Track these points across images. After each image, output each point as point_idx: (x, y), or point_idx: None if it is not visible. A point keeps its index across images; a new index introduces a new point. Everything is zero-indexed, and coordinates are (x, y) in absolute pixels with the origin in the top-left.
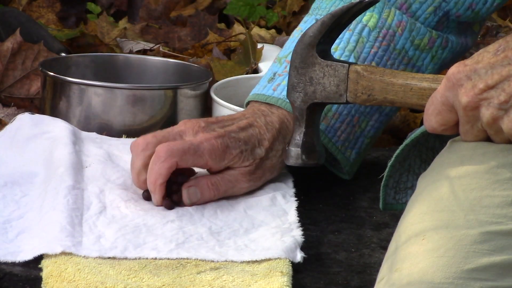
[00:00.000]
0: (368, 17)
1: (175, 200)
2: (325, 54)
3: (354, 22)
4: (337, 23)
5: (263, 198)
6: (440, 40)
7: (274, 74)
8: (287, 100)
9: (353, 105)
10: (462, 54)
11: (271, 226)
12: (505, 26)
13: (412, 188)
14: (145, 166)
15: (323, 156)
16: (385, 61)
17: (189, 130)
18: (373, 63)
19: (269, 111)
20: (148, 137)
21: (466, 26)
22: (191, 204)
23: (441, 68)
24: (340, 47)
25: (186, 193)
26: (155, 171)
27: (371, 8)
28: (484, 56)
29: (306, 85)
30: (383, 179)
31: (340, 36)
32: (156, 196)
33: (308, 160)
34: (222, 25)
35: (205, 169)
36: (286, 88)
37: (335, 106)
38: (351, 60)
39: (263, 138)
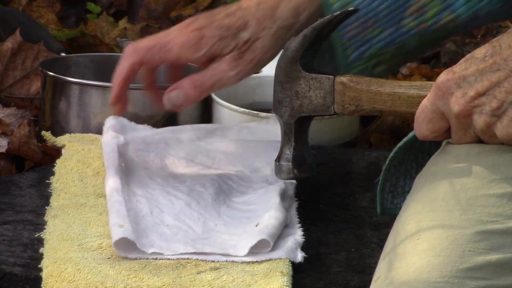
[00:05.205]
0: None
1: None
2: (309, 67)
3: None
4: (318, 35)
5: (263, 198)
6: None
7: None
8: None
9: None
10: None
11: None
12: (505, 26)
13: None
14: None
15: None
16: None
17: (174, 28)
18: None
19: None
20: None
21: None
22: (175, 108)
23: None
24: None
25: (166, 98)
26: (118, 69)
27: None
28: (472, 63)
29: (292, 100)
30: (379, 183)
31: None
32: (113, 91)
33: (299, 174)
34: None
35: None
36: None
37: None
38: None
39: (250, 19)
